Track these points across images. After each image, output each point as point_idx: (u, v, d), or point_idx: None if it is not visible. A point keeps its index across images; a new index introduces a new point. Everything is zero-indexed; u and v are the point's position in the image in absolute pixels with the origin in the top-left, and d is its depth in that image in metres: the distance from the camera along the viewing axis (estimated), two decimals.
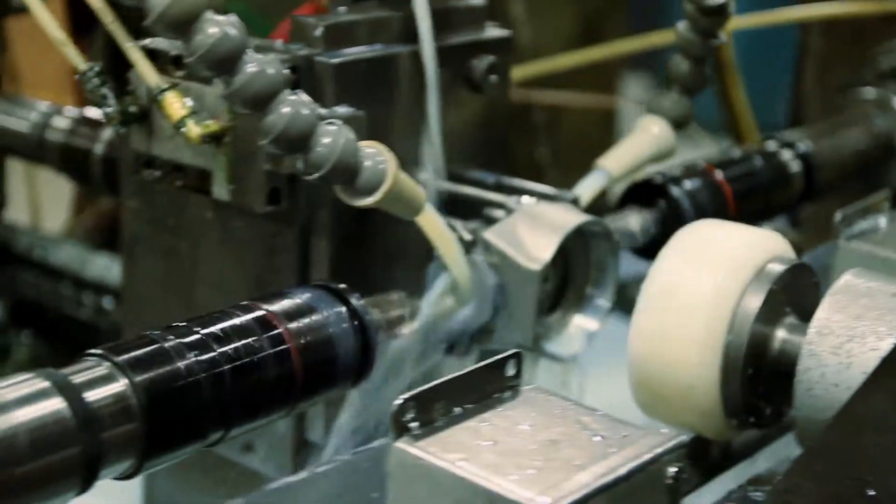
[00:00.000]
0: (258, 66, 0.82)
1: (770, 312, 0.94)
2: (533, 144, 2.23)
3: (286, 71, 0.89)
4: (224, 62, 0.81)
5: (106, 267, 1.60)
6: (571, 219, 1.05)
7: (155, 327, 1.11)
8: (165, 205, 1.13)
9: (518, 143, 2.08)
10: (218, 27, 0.80)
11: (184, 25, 0.80)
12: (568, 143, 2.35)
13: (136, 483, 1.27)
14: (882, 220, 1.24)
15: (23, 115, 1.40)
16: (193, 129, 0.98)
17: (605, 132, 2.50)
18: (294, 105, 0.83)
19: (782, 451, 1.09)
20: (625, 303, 1.22)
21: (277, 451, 1.11)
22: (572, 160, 2.30)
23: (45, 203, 2.03)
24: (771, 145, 1.41)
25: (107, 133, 1.32)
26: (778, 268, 0.95)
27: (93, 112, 1.36)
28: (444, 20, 1.10)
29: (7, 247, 1.64)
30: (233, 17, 0.81)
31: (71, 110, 1.38)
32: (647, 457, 0.77)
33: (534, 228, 1.04)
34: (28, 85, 1.92)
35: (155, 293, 1.16)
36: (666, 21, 2.07)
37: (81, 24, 1.51)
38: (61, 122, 1.36)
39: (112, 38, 1.01)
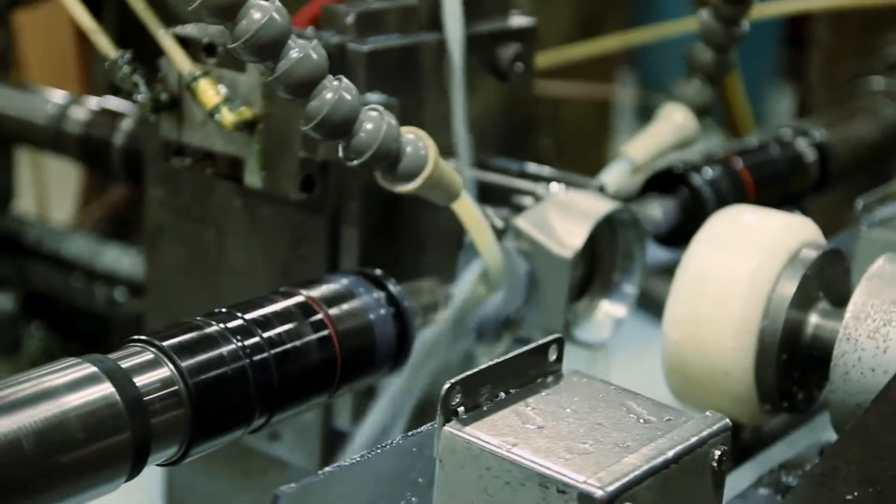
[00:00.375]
0: (302, 51, 0.82)
1: (804, 298, 0.94)
2: (536, 135, 2.23)
3: None
4: (268, 48, 0.81)
5: (117, 258, 1.60)
6: (601, 206, 1.06)
7: (180, 316, 1.11)
8: (191, 193, 1.13)
9: None
10: (263, 12, 0.80)
11: (228, 11, 0.80)
12: (568, 135, 2.36)
13: (157, 472, 1.27)
14: None
15: (39, 106, 1.40)
16: (227, 116, 0.98)
17: (603, 123, 2.52)
18: (338, 91, 0.83)
19: (808, 437, 1.10)
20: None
21: (304, 439, 1.11)
22: (573, 151, 2.31)
23: (52, 194, 2.02)
24: (786, 133, 1.41)
25: (126, 123, 1.31)
26: (812, 253, 0.95)
27: (110, 102, 1.36)
28: (470, 8, 1.10)
29: (17, 238, 1.64)
30: (277, 3, 0.81)
31: (88, 100, 1.38)
32: (694, 440, 0.78)
33: (564, 216, 1.04)
34: (34, 75, 1.92)
35: (179, 282, 1.16)
36: (661, 17, 2.08)
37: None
38: (79, 113, 1.36)
39: (122, 28, 1.02)
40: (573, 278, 1.04)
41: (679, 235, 1.23)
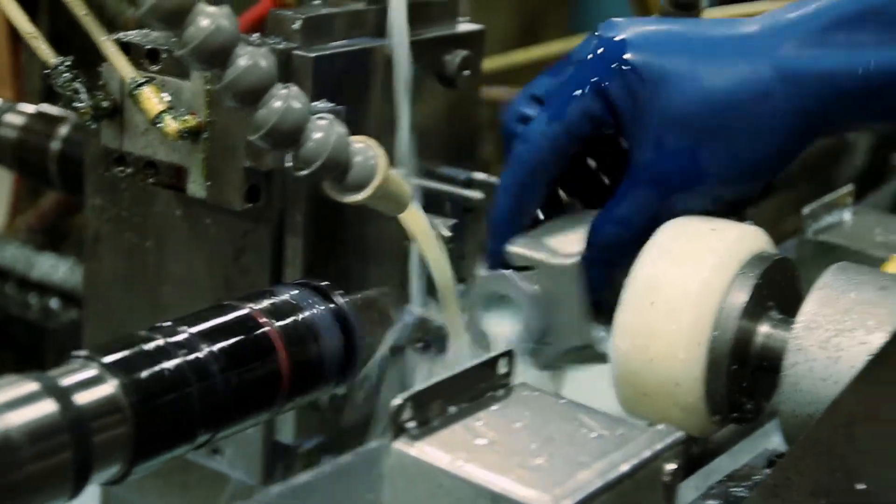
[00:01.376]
0: (251, 58, 0.80)
1: (754, 307, 0.94)
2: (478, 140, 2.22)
3: None
4: (216, 55, 0.80)
5: (53, 267, 1.57)
6: (587, 214, 1.03)
7: (119, 327, 1.09)
8: (131, 202, 1.10)
9: None
10: (210, 19, 0.79)
11: (176, 17, 0.78)
12: None
13: (94, 487, 1.24)
14: (847, 215, 1.25)
15: None
16: (171, 125, 0.96)
17: None
18: (286, 99, 0.82)
19: (753, 447, 1.10)
20: None
21: (246, 453, 1.09)
22: None
23: None
24: None
25: (63, 129, 1.29)
26: (762, 262, 0.95)
27: (47, 108, 1.33)
28: (417, 14, 1.09)
29: None
30: (225, 9, 0.79)
31: (24, 106, 1.35)
32: (647, 454, 0.77)
33: (554, 232, 1.02)
34: None
35: (118, 292, 1.14)
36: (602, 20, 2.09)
37: None
38: (15, 119, 1.33)
39: (55, 33, 1.00)
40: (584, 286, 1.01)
41: None
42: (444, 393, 0.78)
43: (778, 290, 0.96)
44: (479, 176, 1.14)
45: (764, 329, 0.94)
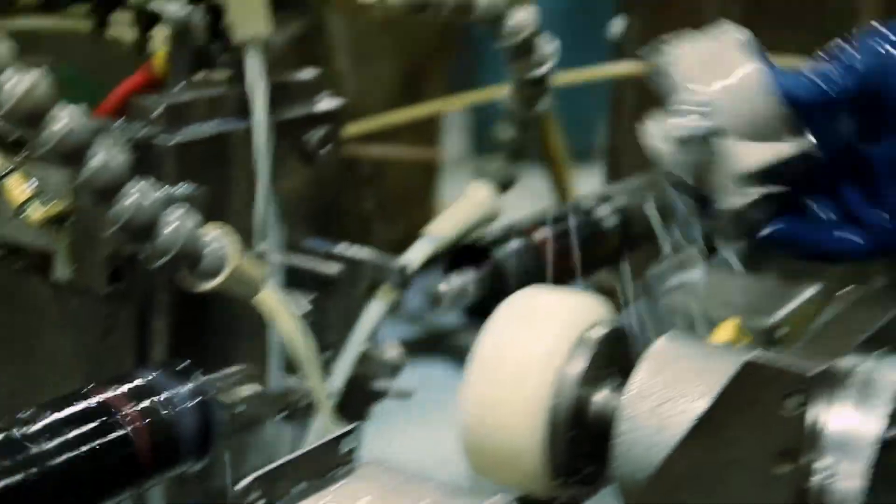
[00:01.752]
0: (104, 158, 0.85)
1: (593, 375, 0.99)
2: (358, 198, 2.27)
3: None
4: (72, 155, 0.84)
5: None
6: None
7: None
8: (2, 283, 1.14)
9: (344, 196, 2.11)
10: (65, 120, 0.83)
11: (32, 119, 0.83)
12: (393, 196, 2.39)
13: None
14: (695, 275, 1.31)
15: None
16: (34, 214, 1.00)
17: (428, 184, 2.55)
18: (138, 195, 0.86)
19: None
20: (454, 350, 1.26)
21: None
22: (397, 212, 2.34)
23: None
24: (587, 202, 1.47)
25: None
26: (600, 332, 1.00)
27: None
28: (278, 94, 1.14)
29: None
30: (81, 109, 0.84)
31: None
32: None
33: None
34: None
35: None
36: (484, 78, 2.14)
37: None
38: None
39: None
40: None
41: (484, 307, 1.28)
42: (291, 472, 0.82)
43: (617, 357, 1.02)
44: (339, 249, 1.19)
45: (600, 397, 0.99)
